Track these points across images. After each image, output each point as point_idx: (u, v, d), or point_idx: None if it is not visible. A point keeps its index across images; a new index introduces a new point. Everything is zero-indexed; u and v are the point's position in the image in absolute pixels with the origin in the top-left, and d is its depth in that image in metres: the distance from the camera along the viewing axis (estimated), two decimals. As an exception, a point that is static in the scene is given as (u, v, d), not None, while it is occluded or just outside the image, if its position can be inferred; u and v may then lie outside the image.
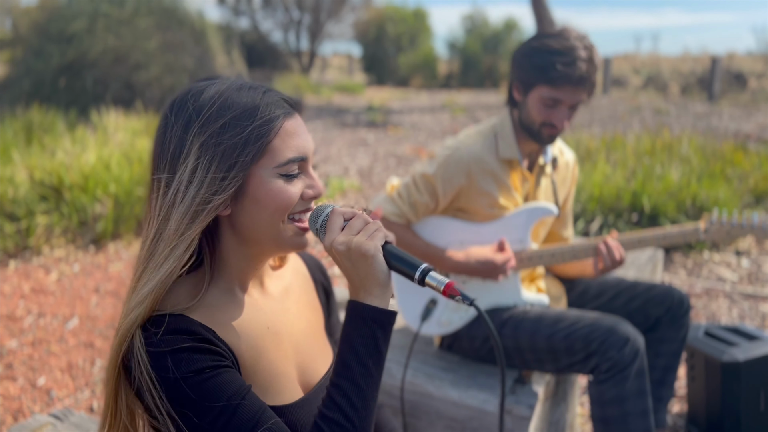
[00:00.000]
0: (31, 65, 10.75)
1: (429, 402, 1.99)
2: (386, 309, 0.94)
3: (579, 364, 1.85)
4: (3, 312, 3.56)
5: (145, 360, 0.88)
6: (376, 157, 8.45)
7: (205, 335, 0.93)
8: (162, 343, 0.89)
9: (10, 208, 4.67)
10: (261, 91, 0.99)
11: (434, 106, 15.01)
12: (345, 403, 0.91)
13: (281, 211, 0.98)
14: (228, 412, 0.89)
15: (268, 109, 0.97)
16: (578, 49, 1.81)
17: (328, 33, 23.52)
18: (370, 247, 0.92)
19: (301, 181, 1.00)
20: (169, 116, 0.98)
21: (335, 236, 0.95)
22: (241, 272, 1.04)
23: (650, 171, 5.37)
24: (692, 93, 16.83)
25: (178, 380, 0.88)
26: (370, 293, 0.94)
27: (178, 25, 11.82)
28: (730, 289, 3.90)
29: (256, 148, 0.95)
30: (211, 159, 0.93)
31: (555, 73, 1.80)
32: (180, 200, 0.93)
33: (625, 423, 1.80)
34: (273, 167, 0.97)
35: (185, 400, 0.88)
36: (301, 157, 0.99)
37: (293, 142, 0.98)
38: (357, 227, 0.95)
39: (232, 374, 0.93)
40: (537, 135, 1.92)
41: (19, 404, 2.68)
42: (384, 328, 0.94)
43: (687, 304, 2.08)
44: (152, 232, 0.95)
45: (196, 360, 0.89)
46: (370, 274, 0.93)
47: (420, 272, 0.93)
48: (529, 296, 2.01)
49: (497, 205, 1.95)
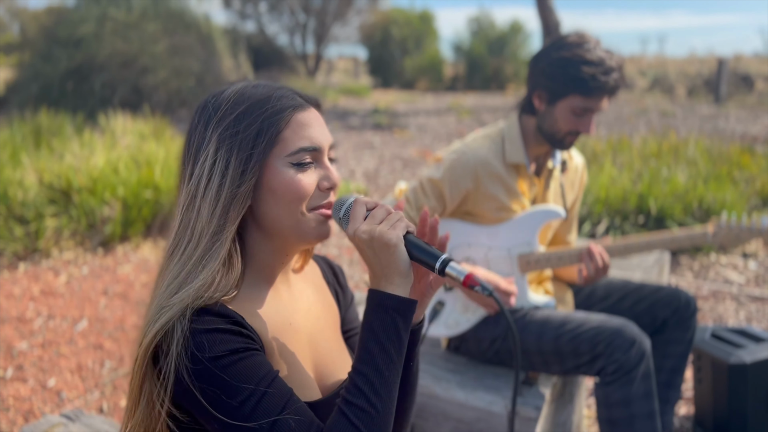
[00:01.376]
0: (39, 69, 10.83)
1: (436, 403, 2.00)
2: (407, 298, 0.96)
3: (585, 365, 1.85)
4: (13, 314, 3.59)
5: (180, 339, 0.90)
6: (382, 160, 8.46)
7: (238, 319, 0.96)
8: (198, 323, 0.92)
9: (20, 211, 4.71)
10: (275, 87, 1.03)
11: (440, 109, 15.02)
12: (368, 389, 0.92)
13: (297, 200, 0.99)
14: (258, 393, 0.91)
15: (279, 101, 1.00)
16: (609, 59, 1.84)
17: (334, 36, 23.55)
18: (393, 236, 0.94)
19: (315, 171, 1.02)
20: (194, 117, 1.03)
21: (358, 225, 0.97)
22: (267, 266, 1.06)
23: (657, 173, 5.37)
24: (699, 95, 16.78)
25: (213, 359, 0.90)
26: (392, 282, 0.95)
27: (185, 29, 11.89)
28: (737, 291, 3.90)
29: (268, 138, 0.98)
30: (229, 150, 0.97)
31: (594, 83, 1.82)
32: (203, 191, 0.97)
33: (632, 425, 1.80)
34: (285, 156, 0.99)
35: (217, 379, 0.90)
36: (314, 147, 1.01)
37: (305, 133, 1.00)
38: (380, 216, 0.97)
39: (263, 357, 0.95)
40: (560, 142, 1.94)
41: (29, 405, 2.70)
42: (404, 316, 0.95)
43: (694, 306, 2.08)
44: (177, 222, 0.99)
45: (230, 341, 0.92)
46: (392, 263, 0.95)
47: (441, 262, 0.94)
48: (536, 298, 2.02)
49: (504, 208, 1.97)
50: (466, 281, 0.92)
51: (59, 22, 11.33)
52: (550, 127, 1.93)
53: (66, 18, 11.28)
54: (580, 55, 1.84)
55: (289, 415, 0.91)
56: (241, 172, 0.97)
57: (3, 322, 3.49)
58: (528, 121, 2.00)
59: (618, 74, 1.85)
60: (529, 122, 1.99)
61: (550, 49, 1.92)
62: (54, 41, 11.06)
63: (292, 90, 1.05)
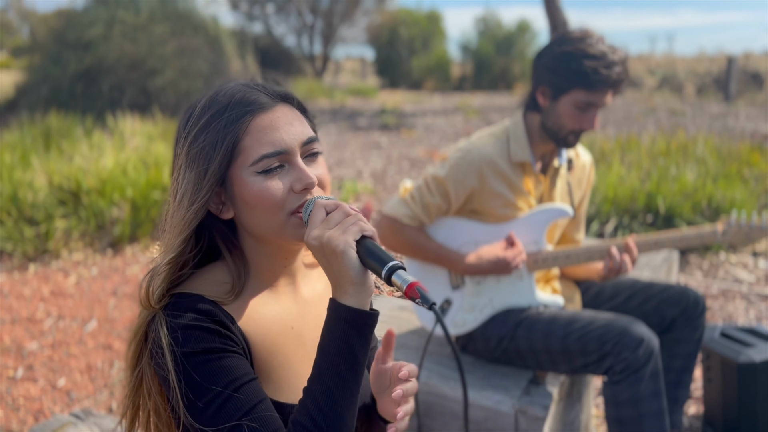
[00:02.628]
0: (48, 72, 10.90)
1: (443, 403, 2.00)
2: (361, 309, 0.89)
3: (593, 364, 1.85)
4: (23, 315, 3.61)
5: (162, 330, 0.92)
6: (389, 160, 8.46)
7: (222, 319, 0.95)
8: (177, 317, 0.93)
9: (30, 212, 4.75)
10: (237, 90, 0.99)
11: (447, 109, 15.00)
12: (313, 407, 0.89)
13: (271, 208, 0.96)
14: (223, 396, 0.91)
15: (237, 107, 0.96)
16: (612, 52, 1.83)
17: (342, 37, 23.57)
18: (340, 242, 0.87)
19: (287, 174, 0.97)
20: (177, 129, 1.04)
21: (311, 230, 0.91)
22: (266, 270, 1.05)
23: (665, 172, 5.33)
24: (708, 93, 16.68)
25: (185, 354, 0.91)
26: (345, 291, 0.89)
27: (193, 31, 11.92)
28: (747, 290, 3.87)
29: (224, 150, 0.95)
30: (190, 166, 0.96)
31: (596, 77, 1.81)
32: (173, 205, 0.98)
33: (640, 424, 1.80)
34: (248, 166, 0.95)
35: (187, 376, 0.91)
36: (278, 151, 0.96)
37: (266, 138, 0.96)
38: (335, 221, 0.90)
39: (238, 361, 0.94)
40: (563, 140, 1.94)
41: (39, 405, 2.72)
42: (358, 328, 0.90)
43: (702, 305, 2.07)
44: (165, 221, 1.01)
45: (206, 339, 0.92)
46: (342, 271, 0.88)
47: (387, 269, 0.87)
48: (544, 297, 2.02)
49: (511, 205, 1.96)
50: (408, 291, 0.85)
51: (68, 24, 11.39)
52: (554, 124, 1.92)
53: (75, 21, 11.33)
54: (583, 49, 1.83)
55: (249, 422, 0.90)
56: (196, 189, 0.95)
57: (13, 322, 3.52)
58: (533, 119, 1.99)
59: (621, 68, 1.84)
60: (533, 120, 1.99)
61: (553, 44, 1.92)
62: (63, 44, 11.12)
63: (257, 88, 1.00)
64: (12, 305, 3.74)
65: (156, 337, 0.93)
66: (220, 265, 1.03)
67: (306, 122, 1.03)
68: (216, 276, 1.01)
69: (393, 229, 1.99)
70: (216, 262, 1.04)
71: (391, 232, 2.00)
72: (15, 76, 13.04)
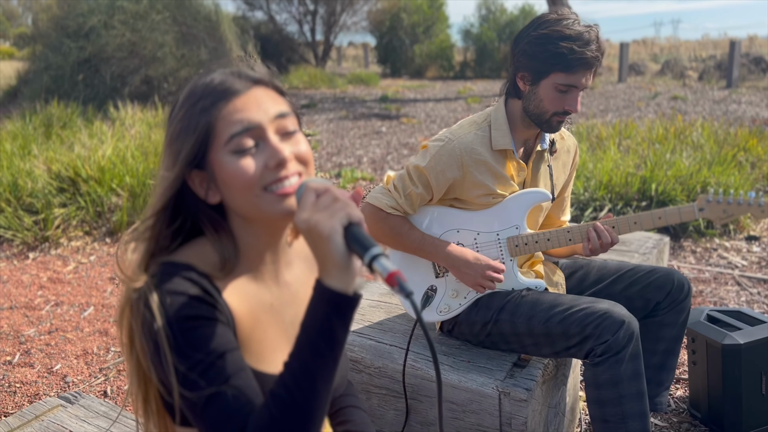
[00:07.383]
0: (50, 60, 10.92)
1: (430, 385, 2.03)
2: (344, 292, 0.92)
3: (575, 347, 1.87)
4: (22, 301, 3.66)
5: (152, 296, 0.96)
6: (389, 148, 8.47)
7: (209, 289, 0.99)
8: (167, 282, 0.97)
9: (29, 200, 4.78)
10: (211, 78, 1.04)
11: (448, 96, 14.97)
12: (291, 381, 0.92)
13: (245, 186, 1.00)
14: (205, 363, 0.94)
15: (210, 96, 1.01)
16: (587, 32, 1.83)
17: (343, 24, 23.49)
18: (326, 226, 0.90)
19: (262, 153, 1.01)
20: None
21: (300, 213, 0.94)
22: (252, 249, 1.09)
23: (661, 157, 5.33)
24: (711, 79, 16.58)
25: (174, 319, 0.94)
26: (330, 274, 0.92)
27: (193, 19, 11.91)
28: (739, 274, 3.89)
29: (197, 136, 1.00)
30: (168, 156, 1.03)
31: (572, 56, 1.81)
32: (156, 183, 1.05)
33: (620, 405, 1.82)
34: (222, 147, 1.00)
35: (172, 342, 0.94)
36: (246, 128, 1.00)
37: (236, 118, 1.00)
38: (323, 204, 0.93)
39: (224, 329, 0.98)
40: (547, 123, 1.93)
41: (36, 389, 2.77)
42: (340, 311, 0.93)
43: (687, 288, 2.08)
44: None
45: (193, 306, 0.96)
46: (327, 254, 0.91)
47: (369, 257, 0.89)
48: (526, 281, 2.04)
49: (493, 194, 1.97)
50: (388, 279, 0.87)
51: (69, 13, 11.39)
52: (536, 108, 1.91)
53: (76, 9, 11.33)
54: (559, 30, 1.82)
55: (230, 389, 0.94)
56: (170, 167, 1.01)
57: (12, 309, 3.56)
58: (514, 105, 1.99)
59: (597, 46, 1.83)
60: (515, 106, 1.98)
61: (529, 28, 1.90)
62: (64, 33, 11.13)
63: (231, 74, 1.04)
64: (11, 292, 3.79)
65: (145, 303, 0.96)
66: (207, 242, 1.08)
67: (281, 100, 1.06)
68: (205, 250, 1.06)
69: (376, 218, 2.00)
70: (204, 237, 1.08)
71: (374, 221, 2.00)
72: (17, 65, 13.06)
